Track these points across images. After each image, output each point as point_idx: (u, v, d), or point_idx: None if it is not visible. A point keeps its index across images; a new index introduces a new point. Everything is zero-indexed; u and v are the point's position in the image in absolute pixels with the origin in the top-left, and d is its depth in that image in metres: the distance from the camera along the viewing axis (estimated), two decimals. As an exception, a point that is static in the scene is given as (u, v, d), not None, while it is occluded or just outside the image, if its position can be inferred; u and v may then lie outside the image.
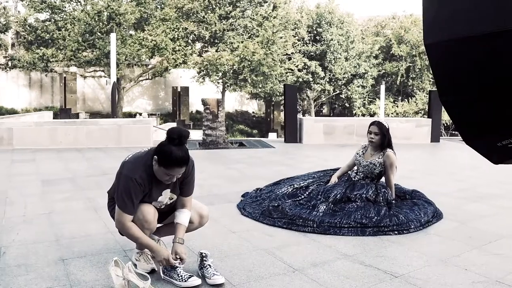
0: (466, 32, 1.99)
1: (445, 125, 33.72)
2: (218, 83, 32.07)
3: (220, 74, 30.71)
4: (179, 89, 36.11)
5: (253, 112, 43.20)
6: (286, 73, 32.46)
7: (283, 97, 31.64)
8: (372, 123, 6.05)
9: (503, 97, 2.03)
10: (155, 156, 3.52)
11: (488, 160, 2.42)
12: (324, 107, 43.72)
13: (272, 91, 32.28)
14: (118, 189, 3.58)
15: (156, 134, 16.04)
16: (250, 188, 7.03)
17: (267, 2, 31.73)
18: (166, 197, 3.77)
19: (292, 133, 14.43)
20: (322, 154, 11.77)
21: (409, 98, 37.71)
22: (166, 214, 3.96)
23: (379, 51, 37.82)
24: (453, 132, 32.58)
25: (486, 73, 2.03)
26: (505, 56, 1.93)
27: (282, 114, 37.21)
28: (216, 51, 30.44)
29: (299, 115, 26.35)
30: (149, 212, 3.65)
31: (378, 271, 4.06)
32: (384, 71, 37.76)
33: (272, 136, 29.39)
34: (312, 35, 35.10)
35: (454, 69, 2.11)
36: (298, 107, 29.53)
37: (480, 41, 1.95)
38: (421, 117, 33.73)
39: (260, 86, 30.96)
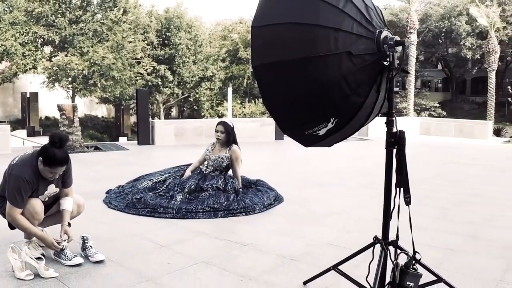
0: (278, 58, 2.94)
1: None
2: (68, 88, 31.57)
3: (70, 79, 30.34)
4: (28, 95, 35.13)
5: (102, 117, 42.90)
6: (136, 77, 32.64)
7: (132, 101, 31.68)
8: (219, 123, 7.07)
9: (305, 103, 3.01)
10: (40, 158, 4.14)
11: (301, 144, 3.39)
12: (173, 109, 44.32)
13: (122, 95, 32.39)
14: (8, 188, 4.16)
15: (11, 140, 15.86)
16: (112, 186, 7.64)
17: (117, 6, 31.62)
18: (51, 191, 4.42)
19: (145, 136, 14.99)
20: (174, 154, 12.50)
21: (256, 99, 39.31)
22: (49, 207, 4.59)
23: (226, 55, 39.15)
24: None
25: (293, 86, 2.99)
26: (304, 75, 2.91)
27: (131, 118, 37.37)
28: (66, 56, 29.96)
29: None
30: (37, 204, 4.27)
31: (230, 242, 5.02)
32: (231, 73, 39.14)
33: (123, 140, 29.25)
34: (161, 39, 35.69)
35: (273, 83, 3.06)
36: (148, 110, 29.87)
37: (287, 64, 2.92)
38: (267, 117, 35.27)
39: (110, 90, 30.90)
